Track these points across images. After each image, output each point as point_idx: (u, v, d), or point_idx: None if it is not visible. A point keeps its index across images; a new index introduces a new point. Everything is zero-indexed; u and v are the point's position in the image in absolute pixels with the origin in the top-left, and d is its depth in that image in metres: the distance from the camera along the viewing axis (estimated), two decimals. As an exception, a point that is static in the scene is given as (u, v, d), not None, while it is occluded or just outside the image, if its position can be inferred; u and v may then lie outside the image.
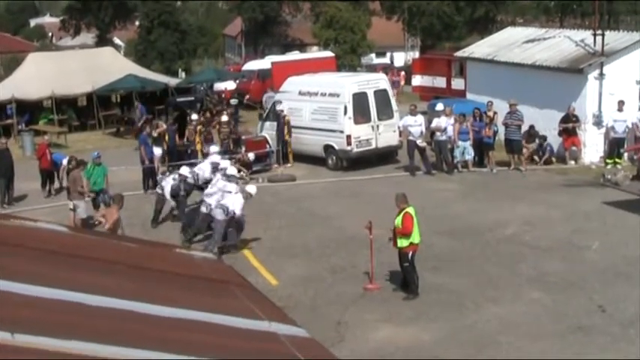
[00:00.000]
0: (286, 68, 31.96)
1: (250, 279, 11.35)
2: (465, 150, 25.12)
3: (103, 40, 61.81)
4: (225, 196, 18.11)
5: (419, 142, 24.93)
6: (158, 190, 20.96)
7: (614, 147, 25.23)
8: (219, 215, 17.81)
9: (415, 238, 14.78)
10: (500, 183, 23.84)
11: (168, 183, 20.52)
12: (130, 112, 37.20)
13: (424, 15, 61.46)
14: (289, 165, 26.72)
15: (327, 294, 15.29)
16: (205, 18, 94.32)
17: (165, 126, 27.54)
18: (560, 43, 28.67)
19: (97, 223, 19.47)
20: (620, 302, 14.08)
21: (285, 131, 26.77)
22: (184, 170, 20.79)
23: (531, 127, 25.80)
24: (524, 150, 25.79)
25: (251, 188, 19.29)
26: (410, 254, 14.79)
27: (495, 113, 25.72)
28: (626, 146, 25.21)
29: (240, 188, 18.73)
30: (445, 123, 25.11)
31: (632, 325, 13.07)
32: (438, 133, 25.08)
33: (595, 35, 26.30)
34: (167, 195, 20.45)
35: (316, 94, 26.89)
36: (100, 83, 36.94)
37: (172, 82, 40.61)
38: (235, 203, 17.86)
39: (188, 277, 5.60)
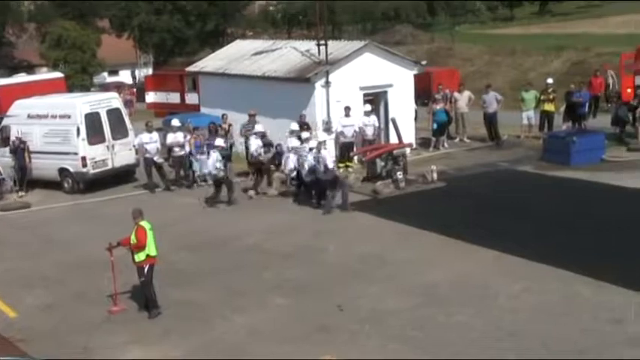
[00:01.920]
0: (13, 91, 30.88)
1: (-15, 314, 10.90)
2: (202, 163, 25.26)
3: None
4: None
5: (156, 158, 24.87)
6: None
7: (344, 151, 26.40)
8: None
9: (151, 250, 14.74)
10: (239, 194, 24.19)
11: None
12: None
13: (155, 31, 61.21)
14: (22, 193, 25.66)
15: (71, 321, 14.86)
16: None
17: None
18: (287, 54, 29.60)
19: None
20: (356, 300, 14.79)
21: (26, 157, 25.76)
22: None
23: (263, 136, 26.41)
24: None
25: (322, 135, 23.49)
26: (146, 268, 14.73)
27: (230, 125, 26.11)
28: (355, 149, 26.44)
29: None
30: (182, 138, 25.18)
31: (368, 321, 13.78)
32: (176, 149, 25.11)
33: (319, 45, 27.38)
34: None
35: (46, 116, 26.06)
36: None
37: None
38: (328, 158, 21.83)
39: None
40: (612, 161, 25.44)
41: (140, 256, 14.70)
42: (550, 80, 31.08)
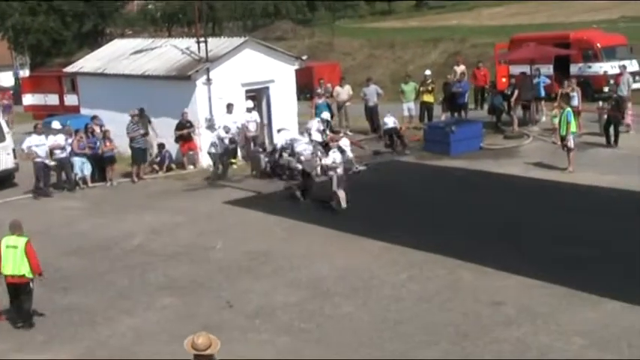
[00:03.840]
0: None
1: None
2: (84, 165, 24.89)
3: None
4: None
5: (47, 161, 24.28)
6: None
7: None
8: None
9: (5, 269, 14.05)
10: (123, 195, 23.92)
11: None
12: None
13: (30, 32, 59.72)
14: None
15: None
16: None
17: None
18: (167, 52, 29.31)
19: None
20: (244, 296, 14.83)
21: None
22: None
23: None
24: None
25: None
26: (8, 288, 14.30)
27: (102, 126, 25.87)
28: (238, 147, 26.43)
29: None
30: (64, 140, 24.68)
31: (257, 316, 13.85)
32: (57, 151, 24.57)
33: (199, 42, 27.22)
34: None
35: None
36: None
37: None
38: None
39: None
40: (490, 149, 26.22)
41: None
42: (428, 72, 31.82)
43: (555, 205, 19.59)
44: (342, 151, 20.94)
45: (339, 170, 20.28)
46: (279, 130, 24.86)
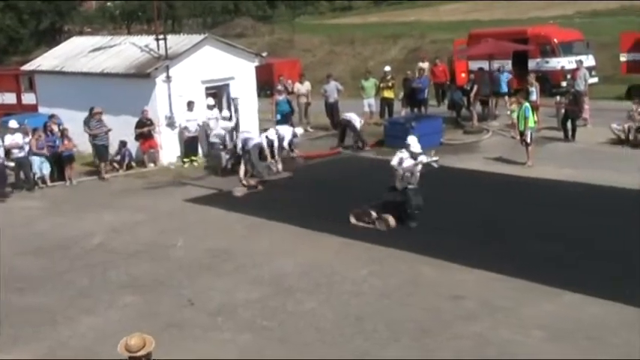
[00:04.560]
0: None
1: None
2: (43, 164, 24.65)
3: None
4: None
5: (7, 163, 24.00)
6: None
7: (188, 145, 26.29)
8: None
9: None
10: (83, 194, 23.72)
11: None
12: None
13: (-14, 30, 59.23)
14: None
15: None
16: None
17: None
18: (126, 50, 29.09)
19: None
20: (206, 293, 14.77)
21: None
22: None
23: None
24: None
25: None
26: None
27: (60, 125, 25.66)
28: (199, 144, 26.35)
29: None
30: (22, 140, 24.41)
31: (218, 314, 13.81)
32: (15, 151, 24.31)
33: (158, 40, 27.05)
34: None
35: None
36: None
37: None
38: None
39: None
40: (450, 144, 26.39)
41: None
42: (388, 68, 31.98)
43: (516, 198, 19.80)
44: (414, 156, 17.92)
45: (413, 176, 18.02)
46: (241, 132, 24.75)
